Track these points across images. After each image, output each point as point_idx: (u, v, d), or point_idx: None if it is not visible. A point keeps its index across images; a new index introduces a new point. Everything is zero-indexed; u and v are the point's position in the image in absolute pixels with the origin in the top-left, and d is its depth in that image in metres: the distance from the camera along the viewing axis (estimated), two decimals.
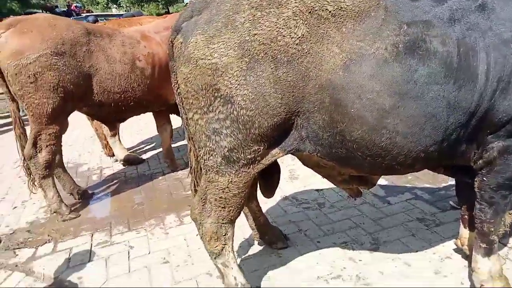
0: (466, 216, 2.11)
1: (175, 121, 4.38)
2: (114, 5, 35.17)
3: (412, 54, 1.51)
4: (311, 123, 1.64)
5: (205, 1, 1.72)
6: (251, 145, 1.67)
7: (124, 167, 4.33)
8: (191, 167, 2.08)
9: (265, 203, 3.10)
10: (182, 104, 1.82)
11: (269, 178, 2.14)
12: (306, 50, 1.54)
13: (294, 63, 1.55)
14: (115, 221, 3.10)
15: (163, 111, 3.94)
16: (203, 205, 1.91)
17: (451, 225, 2.54)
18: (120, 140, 4.37)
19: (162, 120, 4.02)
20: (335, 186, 3.19)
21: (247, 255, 2.48)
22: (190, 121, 1.78)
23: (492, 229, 1.82)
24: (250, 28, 1.56)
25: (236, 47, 1.57)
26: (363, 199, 3.03)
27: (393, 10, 1.56)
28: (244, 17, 1.58)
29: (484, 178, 1.75)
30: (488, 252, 1.86)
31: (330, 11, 1.56)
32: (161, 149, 4.82)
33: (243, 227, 2.66)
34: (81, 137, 5.73)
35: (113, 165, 4.43)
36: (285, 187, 3.38)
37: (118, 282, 2.34)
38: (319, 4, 1.56)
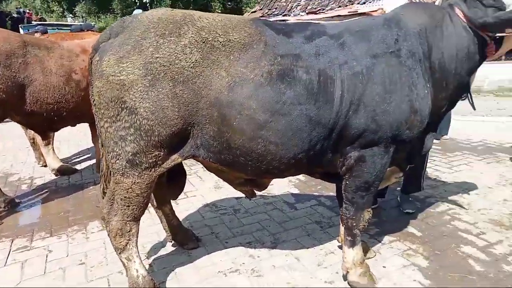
0: (343, 216, 2.52)
1: None
2: (70, 15, 34.13)
3: (282, 80, 1.89)
4: (204, 133, 1.97)
5: (122, 26, 2.01)
6: (152, 150, 1.96)
7: (56, 177, 4.40)
8: (101, 171, 2.32)
9: (187, 211, 3.38)
10: (96, 114, 2.08)
11: (174, 181, 2.42)
12: (199, 73, 1.88)
13: (189, 83, 1.88)
14: (38, 227, 3.19)
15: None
16: (111, 205, 2.14)
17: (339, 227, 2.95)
18: (53, 150, 4.45)
19: (96, 131, 4.17)
20: None
21: (159, 255, 2.70)
22: (102, 129, 2.03)
23: (355, 224, 2.22)
24: (153, 52, 1.87)
25: (141, 67, 1.86)
26: (274, 206, 3.40)
27: (271, 44, 1.95)
28: (149, 43, 1.89)
29: (347, 182, 2.16)
30: (352, 244, 2.26)
31: (220, 42, 1.92)
32: (94, 160, 4.96)
33: (160, 232, 2.90)
34: (15, 147, 5.67)
35: (45, 175, 4.47)
36: (208, 196, 3.67)
37: (32, 283, 2.46)
38: (212, 36, 1.91)
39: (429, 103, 2.09)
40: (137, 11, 6.79)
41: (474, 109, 2.64)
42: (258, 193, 3.52)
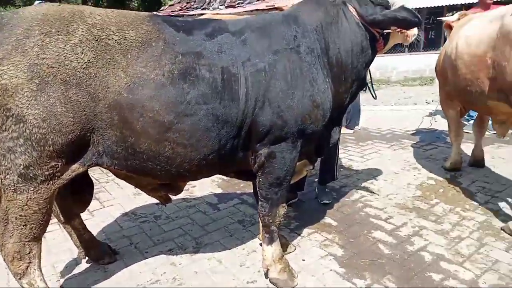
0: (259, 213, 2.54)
1: None
2: None
3: (184, 79, 1.83)
4: (106, 139, 1.83)
5: (1, 23, 1.78)
6: (48, 161, 1.77)
7: None
8: None
9: (102, 222, 3.17)
10: None
11: (79, 193, 2.24)
12: (93, 74, 1.73)
13: (83, 85, 1.72)
14: None
15: None
16: (5, 225, 1.90)
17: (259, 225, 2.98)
18: None
19: None
20: (174, 199, 3.45)
21: (72, 274, 2.48)
22: None
23: (271, 221, 2.25)
24: (39, 52, 1.69)
25: (26, 70, 1.67)
26: (197, 208, 3.34)
27: (171, 42, 1.88)
28: (34, 42, 1.70)
29: (260, 179, 2.18)
30: (270, 241, 2.29)
31: (115, 40, 1.79)
32: None
33: (73, 248, 2.67)
34: None
35: None
36: (126, 204, 3.48)
37: None
38: (105, 34, 1.78)
39: (330, 97, 2.18)
40: (37, 3, 6.20)
41: (375, 98, 2.85)
42: (180, 196, 3.44)
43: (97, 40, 1.76)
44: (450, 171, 3.92)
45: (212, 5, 14.85)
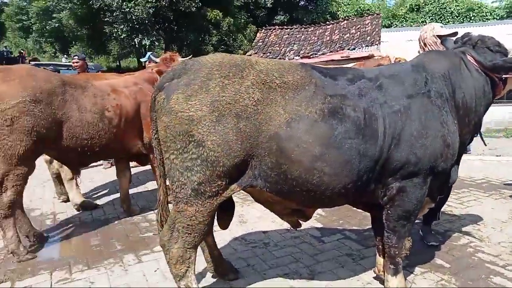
0: (380, 246, 2.66)
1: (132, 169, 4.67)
2: (65, 55, 34.96)
3: (333, 116, 2.13)
4: (262, 164, 2.15)
5: (184, 68, 2.23)
6: (216, 180, 2.12)
7: (78, 212, 4.45)
8: (159, 201, 2.45)
9: (218, 244, 3.46)
10: (159, 147, 2.26)
11: (226, 211, 2.56)
12: (260, 110, 2.10)
13: (251, 119, 2.08)
14: (74, 261, 3.23)
15: (124, 158, 4.26)
16: (171, 233, 2.26)
17: (373, 259, 3.05)
18: (77, 185, 4.53)
19: (122, 166, 4.32)
20: (279, 229, 3.69)
21: (201, 286, 2.77)
22: (166, 160, 2.20)
23: (397, 252, 2.38)
24: (219, 92, 2.10)
25: (209, 104, 2.07)
26: (302, 239, 3.52)
27: (321, 86, 2.20)
28: (215, 83, 2.11)
29: (389, 212, 2.35)
30: (395, 272, 2.40)
31: (277, 83, 2.16)
32: (114, 196, 5.04)
33: (197, 263, 2.97)
34: (30, 184, 5.68)
35: (66, 211, 4.52)
36: (235, 230, 3.77)
37: None
38: (270, 78, 2.16)
39: (458, 137, 2.36)
40: (148, 54, 7.17)
41: (485, 144, 2.94)
42: (283, 227, 3.68)
43: (263, 83, 2.14)
44: None
45: (287, 56, 15.71)
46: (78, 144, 3.59)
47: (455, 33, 3.07)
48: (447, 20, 16.54)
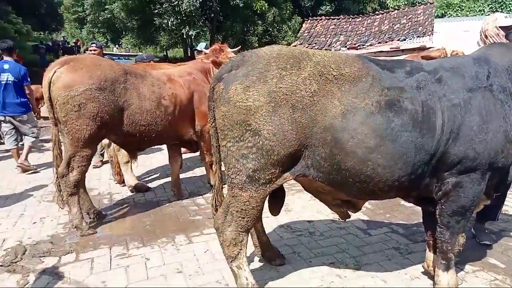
0: (430, 241, 2.63)
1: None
2: (115, 45, 36.67)
3: (390, 109, 2.13)
4: (316, 155, 2.20)
5: (242, 60, 2.32)
6: (270, 168, 2.20)
7: (132, 193, 4.75)
8: (215, 186, 2.59)
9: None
10: (216, 135, 2.37)
11: (277, 198, 2.65)
12: (316, 101, 2.14)
13: (307, 110, 2.14)
14: (130, 238, 3.48)
15: (176, 145, 4.47)
16: (225, 216, 2.38)
17: (421, 254, 3.02)
18: (131, 169, 4.82)
19: (174, 152, 4.54)
20: (324, 219, 3.73)
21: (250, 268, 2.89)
22: (223, 147, 2.31)
23: (450, 248, 2.35)
24: (277, 83, 2.16)
25: (266, 95, 2.14)
26: (348, 231, 3.54)
27: (378, 78, 2.21)
28: (273, 74, 2.18)
29: (443, 207, 2.32)
30: (447, 268, 2.38)
31: (334, 75, 2.19)
32: (164, 180, 5.31)
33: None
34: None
35: (121, 192, 4.84)
36: (281, 218, 3.84)
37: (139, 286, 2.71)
38: (327, 70, 2.19)
39: None
40: (202, 44, 7.36)
41: None
42: (329, 217, 3.71)
43: (320, 75, 2.18)
44: None
45: (334, 46, 15.43)
46: (137, 130, 3.82)
47: None
48: (509, 9, 15.33)
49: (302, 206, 4.17)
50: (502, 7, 15.58)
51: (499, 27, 3.04)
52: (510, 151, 2.22)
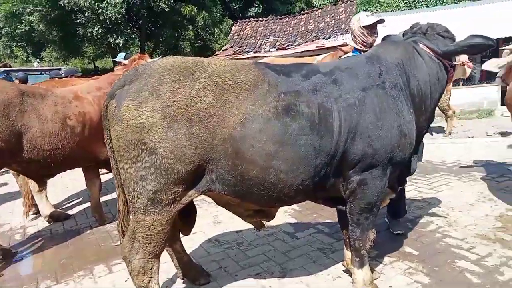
0: (347, 240, 2.67)
1: (103, 176, 4.57)
2: (37, 59, 33.83)
3: (287, 114, 2.10)
4: (219, 168, 2.11)
5: (135, 74, 2.17)
6: (172, 187, 2.07)
7: (49, 223, 4.34)
8: (119, 211, 2.40)
9: (190, 248, 3.42)
10: (114, 156, 2.19)
11: (187, 217, 2.52)
12: (213, 113, 2.05)
13: (204, 123, 2.04)
14: (42, 276, 3.15)
15: (92, 166, 4.16)
16: (132, 243, 2.21)
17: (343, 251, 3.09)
18: (46, 197, 4.41)
19: (91, 174, 4.22)
20: (252, 227, 3.67)
21: None
22: (121, 170, 2.14)
23: (362, 245, 2.38)
24: (170, 96, 2.04)
25: (160, 110, 2.01)
26: (275, 237, 3.52)
27: (274, 84, 2.17)
28: (166, 88, 2.05)
29: (351, 205, 2.34)
30: (361, 265, 2.41)
31: (230, 84, 2.12)
32: (87, 205, 4.93)
33: (169, 270, 2.94)
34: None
35: (37, 223, 4.41)
36: (208, 231, 3.74)
37: None
38: (222, 80, 2.11)
39: (414, 126, 2.36)
40: (121, 55, 6.99)
41: (431, 134, 2.97)
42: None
43: (215, 85, 2.09)
44: None
45: (263, 48, 15.61)
46: (40, 155, 3.48)
47: (381, 20, 3.04)
48: (420, 4, 16.54)
49: (231, 217, 4.01)
50: (415, 2, 16.75)
51: (363, 26, 3.10)
52: (406, 145, 2.30)
